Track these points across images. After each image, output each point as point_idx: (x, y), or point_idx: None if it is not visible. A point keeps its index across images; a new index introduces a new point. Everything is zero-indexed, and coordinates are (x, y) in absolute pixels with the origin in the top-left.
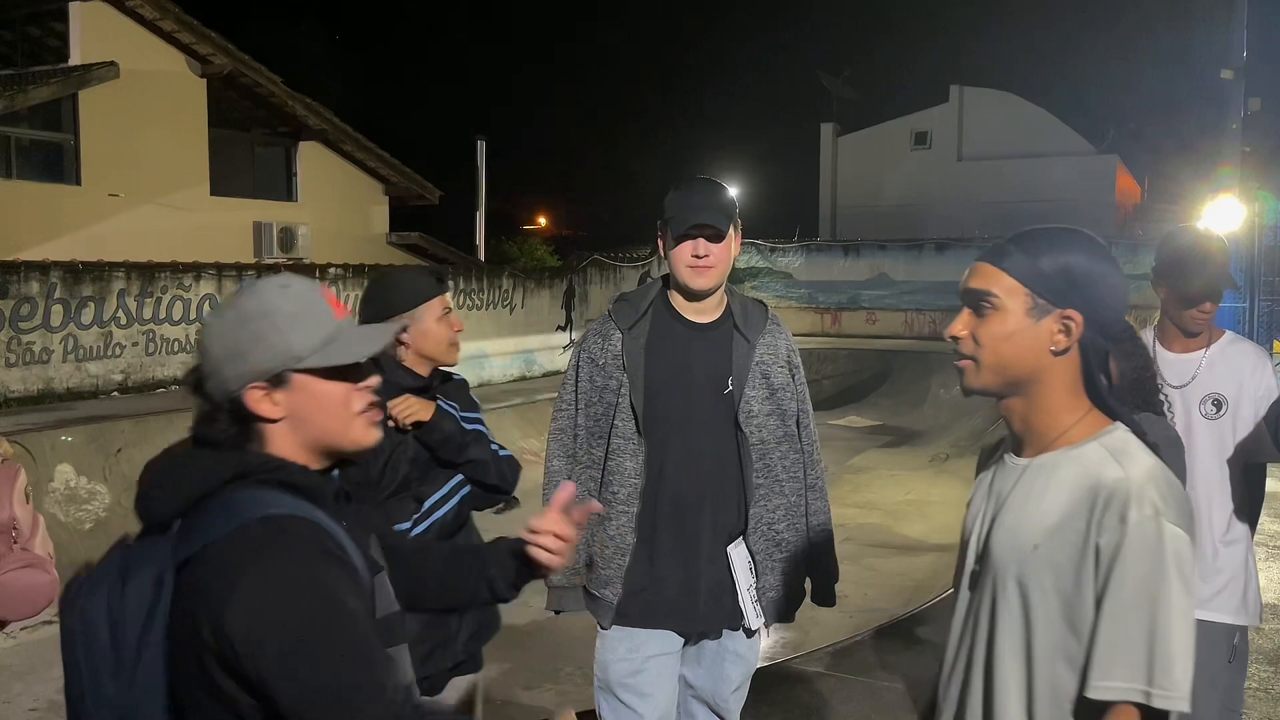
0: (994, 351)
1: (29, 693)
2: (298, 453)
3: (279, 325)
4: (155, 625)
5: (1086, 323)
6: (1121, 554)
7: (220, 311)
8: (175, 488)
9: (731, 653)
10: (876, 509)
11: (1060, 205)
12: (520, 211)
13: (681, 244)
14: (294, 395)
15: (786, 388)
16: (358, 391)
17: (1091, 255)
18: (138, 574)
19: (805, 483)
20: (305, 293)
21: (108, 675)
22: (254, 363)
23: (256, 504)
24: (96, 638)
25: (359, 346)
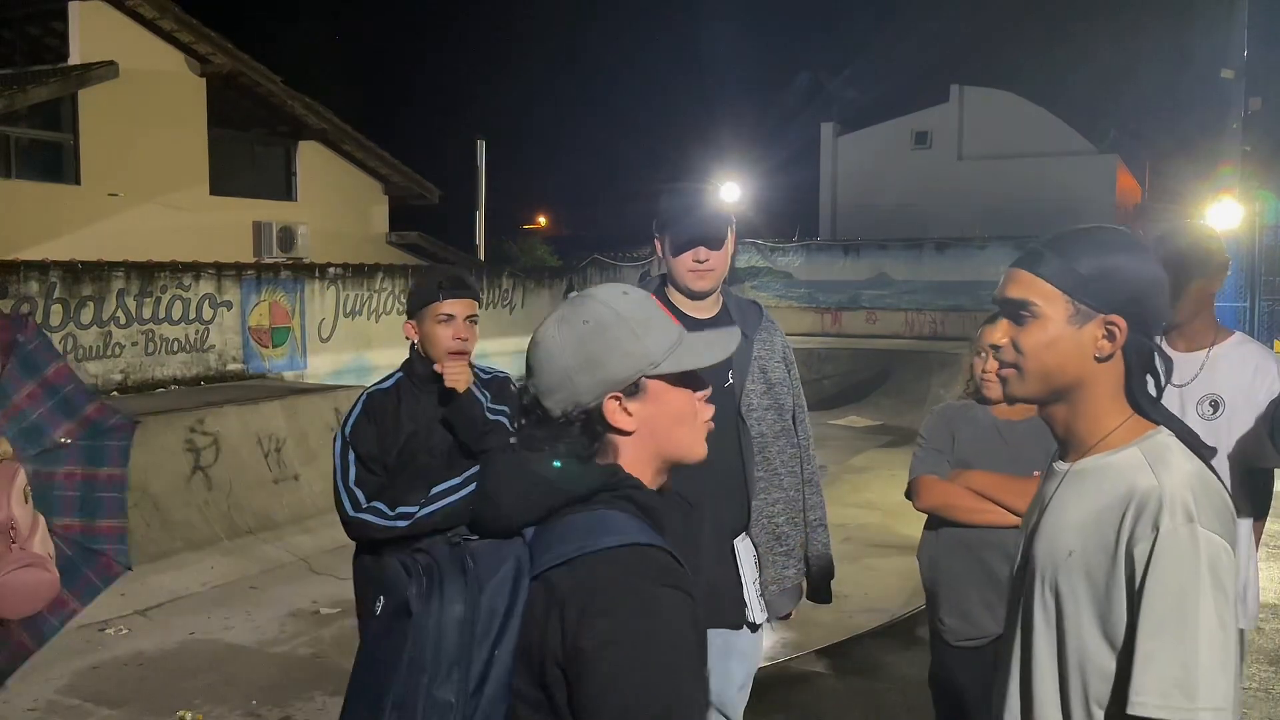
0: (1037, 360)
1: (28, 692)
2: (644, 467)
3: (635, 330)
4: (509, 632)
5: (1131, 326)
6: (1154, 563)
7: (564, 320)
8: (536, 495)
9: (736, 650)
10: (876, 509)
11: (1060, 205)
12: (520, 211)
13: (683, 250)
14: (648, 404)
15: (783, 383)
16: (700, 401)
17: (1130, 255)
18: (494, 578)
19: (802, 477)
20: (646, 299)
21: (449, 682)
22: (612, 370)
23: (619, 527)
24: (446, 642)
25: (707, 351)
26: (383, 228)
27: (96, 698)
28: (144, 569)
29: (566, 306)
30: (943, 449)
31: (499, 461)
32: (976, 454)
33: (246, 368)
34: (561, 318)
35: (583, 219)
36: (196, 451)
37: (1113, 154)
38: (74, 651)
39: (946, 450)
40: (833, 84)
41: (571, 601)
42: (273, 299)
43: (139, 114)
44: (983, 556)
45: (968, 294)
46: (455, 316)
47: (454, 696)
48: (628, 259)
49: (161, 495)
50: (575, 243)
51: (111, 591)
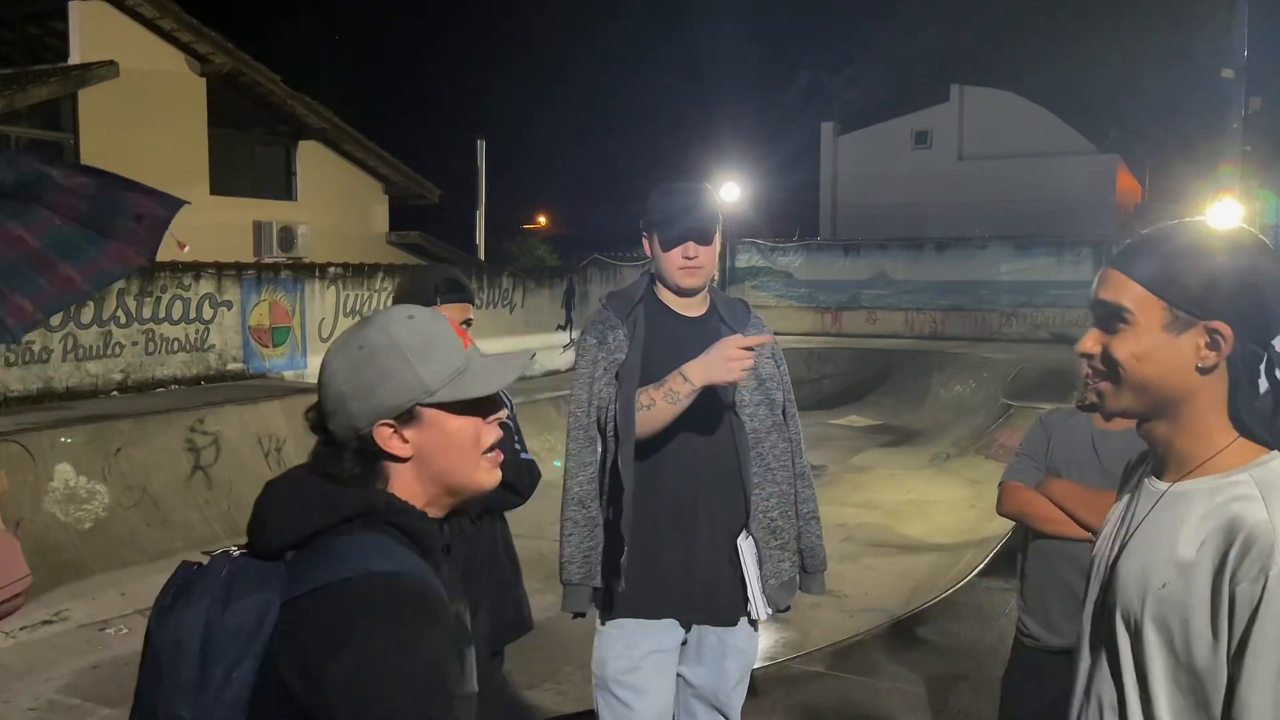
0: (1134, 371)
1: (28, 692)
2: (420, 494)
3: (408, 358)
4: (249, 657)
5: (1237, 334)
6: (1262, 612)
7: (342, 347)
8: (295, 520)
9: (732, 648)
10: (876, 509)
11: (1061, 205)
12: (520, 211)
13: (672, 247)
14: (424, 432)
15: (773, 378)
16: (487, 426)
17: (1234, 252)
18: (242, 599)
19: (794, 470)
20: (431, 324)
21: (187, 695)
22: (384, 398)
23: (374, 553)
24: (186, 655)
25: (491, 378)
26: (383, 227)
27: (97, 697)
28: (144, 569)
29: (350, 329)
30: (1035, 456)
31: (277, 481)
32: (1068, 463)
33: (246, 367)
34: (342, 341)
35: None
36: (197, 451)
37: (1113, 154)
38: (74, 651)
39: (1040, 458)
40: (833, 84)
41: (314, 633)
42: (273, 299)
43: (139, 114)
44: (1056, 566)
45: (968, 294)
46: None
47: (187, 711)
48: (628, 259)
49: (162, 495)
50: (575, 243)
51: (112, 591)
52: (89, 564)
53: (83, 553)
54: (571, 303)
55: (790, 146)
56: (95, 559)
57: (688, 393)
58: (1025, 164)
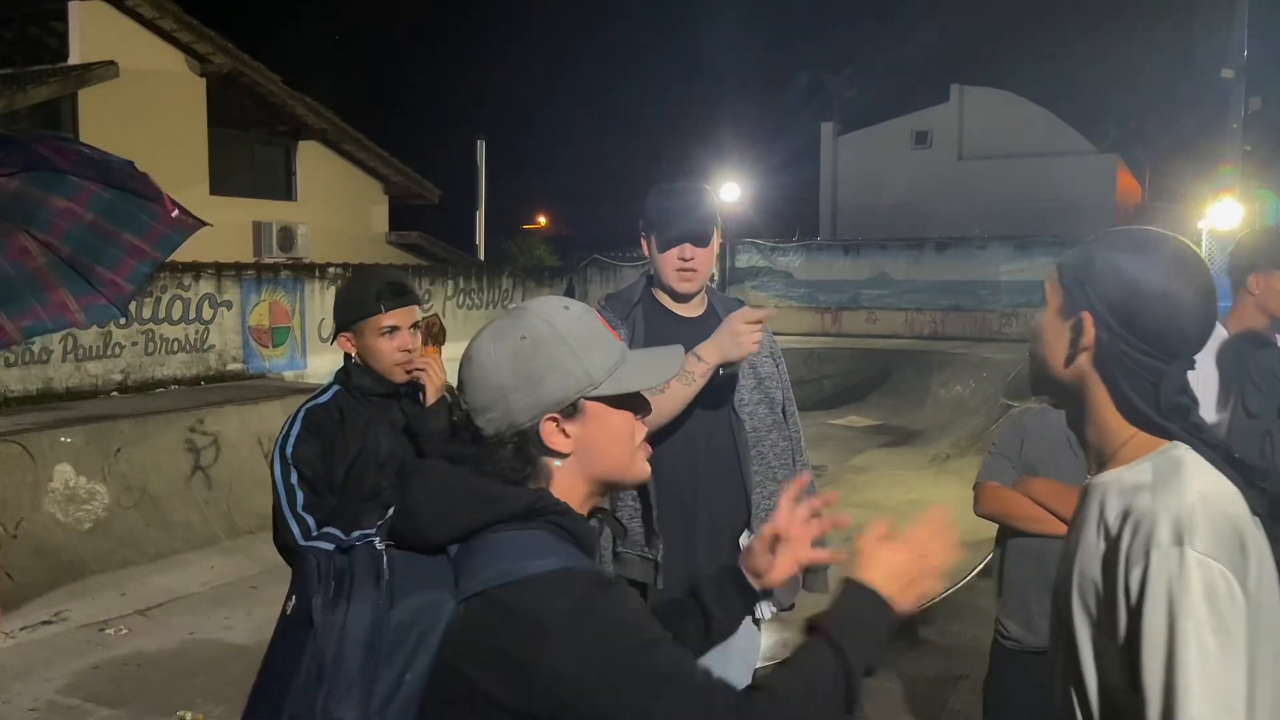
0: (1035, 345)
1: (29, 692)
2: (577, 490)
3: (575, 349)
4: (420, 660)
5: (1099, 326)
6: (1145, 591)
7: (498, 337)
8: (460, 512)
9: (735, 647)
10: (877, 509)
11: (1061, 205)
12: (520, 211)
13: (669, 248)
14: (587, 426)
15: (772, 377)
16: (639, 423)
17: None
18: (405, 598)
19: (795, 469)
20: (587, 315)
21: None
22: (550, 390)
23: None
24: (349, 663)
25: (650, 372)
26: (383, 228)
27: (97, 698)
28: (144, 569)
29: (503, 320)
30: (1010, 455)
31: (421, 476)
32: (1043, 461)
33: (246, 367)
34: (497, 332)
35: (583, 219)
36: (196, 451)
37: (1113, 154)
38: (74, 651)
39: (1014, 457)
40: (833, 84)
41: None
42: (273, 299)
43: (139, 114)
44: (1043, 565)
45: (968, 294)
46: (399, 328)
47: (351, 715)
48: (628, 259)
49: (162, 495)
50: (575, 243)
51: (111, 591)
52: (89, 564)
53: (82, 553)
54: None
55: (790, 146)
56: (95, 559)
57: (702, 372)
58: (1025, 164)
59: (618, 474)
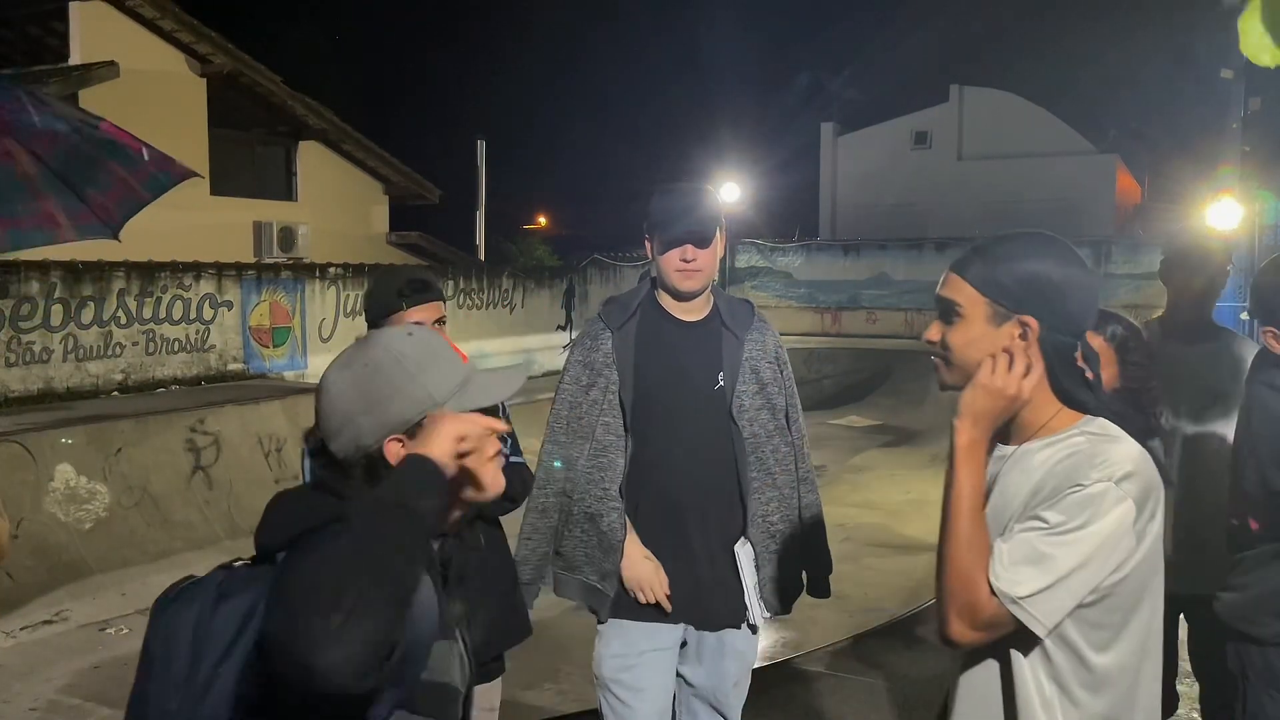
0: (961, 355)
1: (29, 692)
2: None
3: (413, 372)
4: (235, 654)
5: (1044, 326)
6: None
7: (345, 365)
8: (282, 520)
9: (731, 649)
10: (876, 509)
11: (1060, 205)
12: (520, 211)
13: (669, 250)
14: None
15: (775, 382)
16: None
17: (1049, 259)
18: (232, 599)
19: (797, 475)
20: (430, 338)
21: (176, 694)
22: (394, 413)
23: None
24: (176, 654)
25: (493, 390)
26: (383, 228)
27: (97, 697)
28: (145, 569)
29: (350, 349)
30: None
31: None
32: None
33: (247, 368)
34: (344, 362)
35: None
36: (197, 451)
37: (1113, 154)
38: (75, 651)
39: None
40: (833, 84)
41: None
42: (273, 299)
43: (139, 114)
44: None
45: None
46: (422, 323)
47: (174, 704)
48: (627, 259)
49: (162, 495)
50: (575, 243)
51: (112, 591)
52: (89, 564)
53: (83, 553)
54: (571, 303)
55: (790, 147)
56: (96, 559)
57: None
58: (1025, 164)
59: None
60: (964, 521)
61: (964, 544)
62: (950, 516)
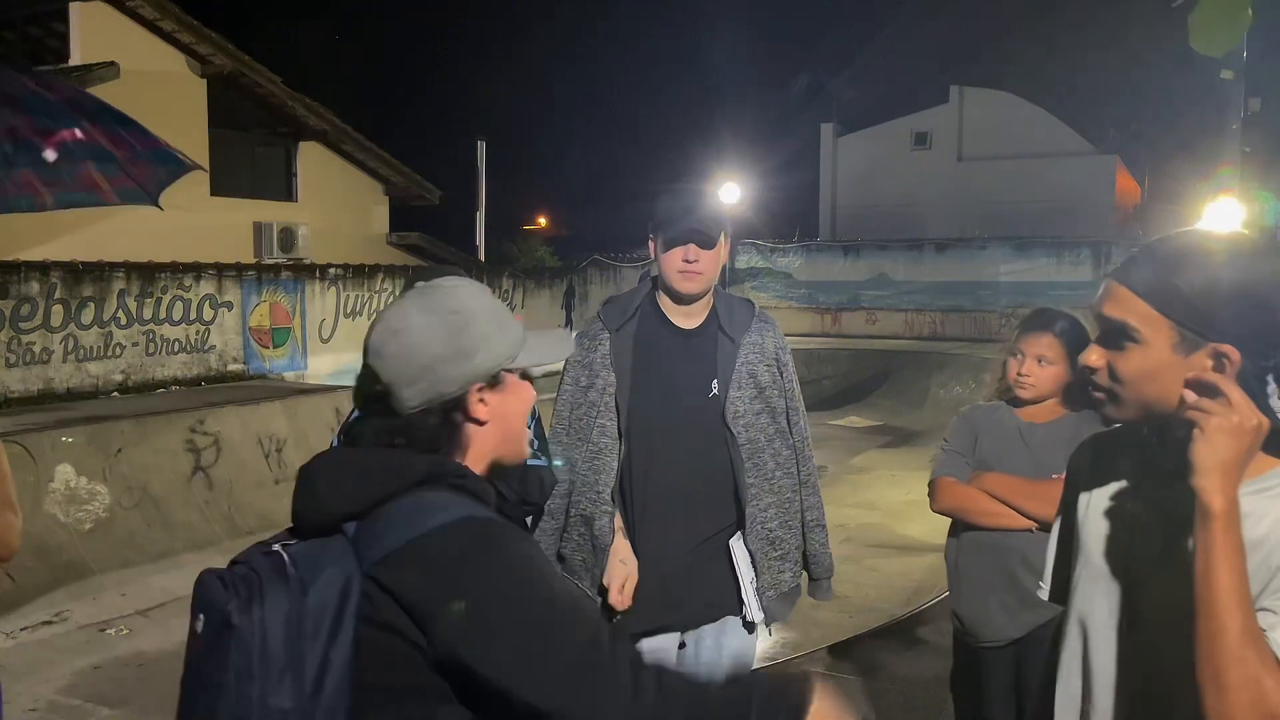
0: (1136, 390)
1: (29, 693)
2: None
3: (499, 325)
4: (343, 634)
5: (1245, 354)
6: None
7: (427, 311)
8: (360, 485)
9: (729, 651)
10: (876, 509)
11: (1060, 206)
12: (520, 211)
13: (672, 250)
14: (504, 397)
15: (774, 385)
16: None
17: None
18: (319, 579)
19: (798, 479)
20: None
21: (286, 692)
22: (479, 362)
23: (442, 505)
24: (272, 652)
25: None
26: (383, 228)
27: (97, 698)
28: (145, 569)
29: (426, 297)
30: (964, 451)
31: (322, 459)
32: (998, 456)
33: (247, 368)
34: (425, 308)
35: (583, 219)
36: (197, 452)
37: (1113, 154)
38: (74, 651)
39: (968, 453)
40: (833, 84)
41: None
42: (273, 299)
43: (139, 114)
44: (1002, 560)
45: (968, 294)
46: None
47: (290, 702)
48: (627, 259)
49: (162, 495)
50: (575, 243)
51: (112, 591)
52: (89, 564)
53: (83, 553)
54: (571, 303)
55: (790, 147)
56: (96, 559)
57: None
58: (1024, 165)
59: (517, 446)
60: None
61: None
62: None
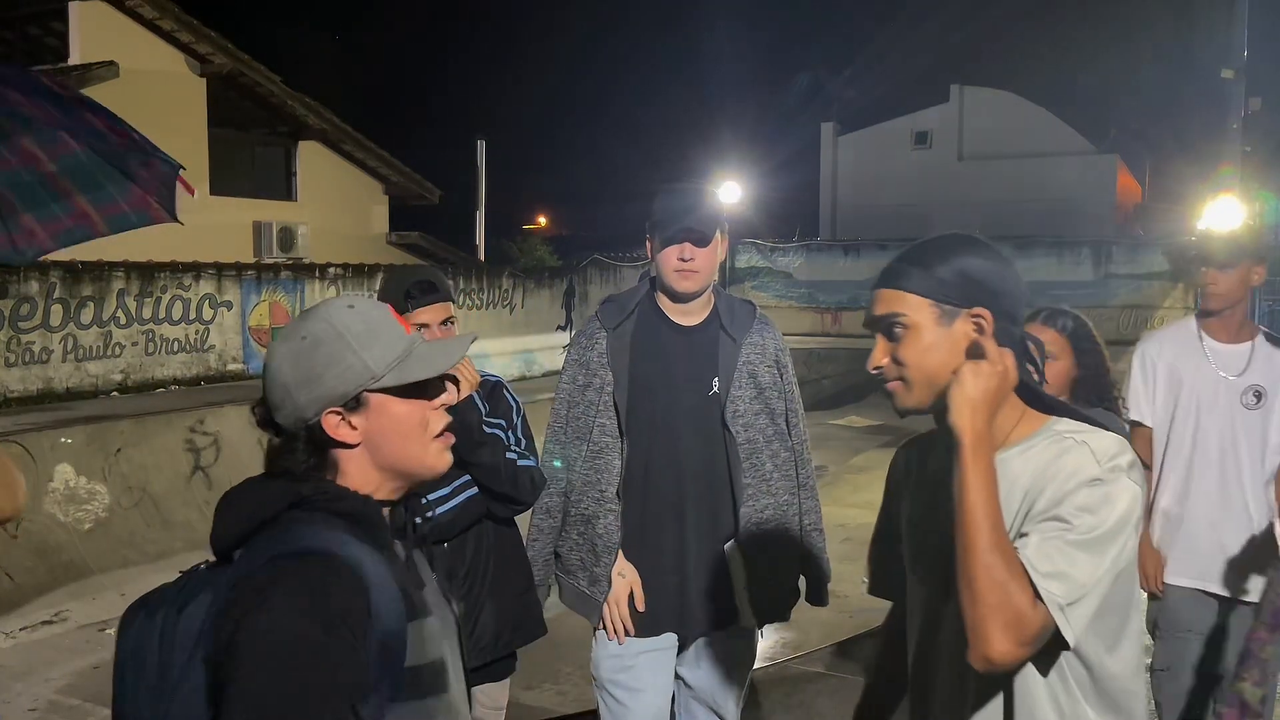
0: (918, 367)
1: (28, 693)
2: (371, 480)
3: (352, 345)
4: (199, 655)
5: (996, 316)
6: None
7: (285, 337)
8: (235, 517)
9: (729, 653)
10: (877, 509)
11: (1060, 205)
12: (520, 211)
13: (668, 248)
14: (371, 418)
15: (774, 386)
16: (433, 411)
17: (981, 253)
18: (194, 600)
19: (797, 481)
20: (372, 310)
21: (149, 702)
22: (330, 386)
23: (306, 537)
24: (146, 662)
25: (433, 361)
26: (383, 228)
27: (97, 698)
28: (144, 569)
29: (291, 322)
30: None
31: (235, 487)
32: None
33: (247, 368)
34: (284, 334)
35: (583, 219)
36: (197, 451)
37: (1113, 154)
38: (74, 651)
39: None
40: (833, 84)
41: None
42: (273, 299)
43: (139, 114)
44: None
45: None
46: (430, 325)
47: (147, 712)
48: (627, 259)
49: (162, 495)
50: (575, 243)
51: (112, 591)
52: (89, 564)
53: (83, 553)
54: (571, 303)
55: (790, 147)
56: (95, 559)
57: None
58: (1025, 164)
59: (410, 464)
60: (988, 528)
61: (994, 553)
62: (971, 526)
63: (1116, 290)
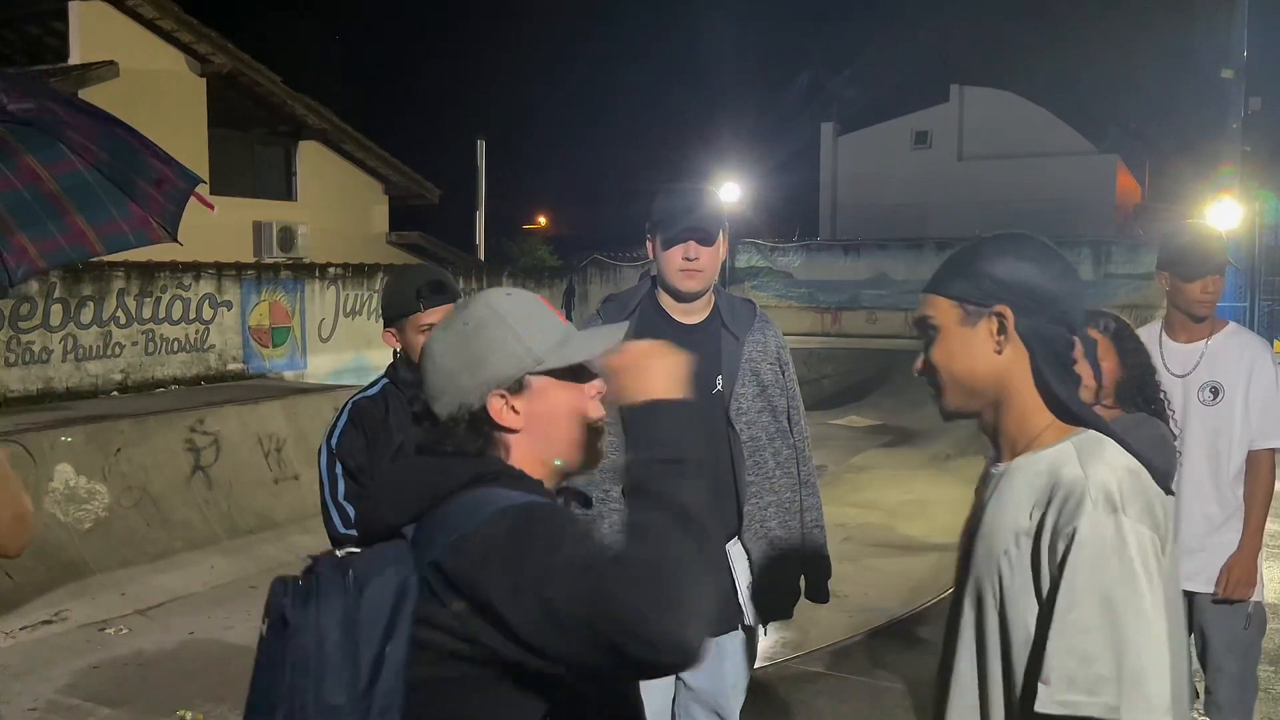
0: (946, 369)
1: (28, 693)
2: (533, 466)
3: (514, 328)
4: (399, 632)
5: (1018, 312)
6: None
7: (446, 327)
8: (412, 492)
9: (730, 653)
10: (877, 509)
11: (1060, 205)
12: (520, 211)
13: (672, 248)
14: (534, 401)
15: (776, 384)
16: (591, 400)
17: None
18: (375, 580)
19: (798, 479)
20: (529, 298)
21: (339, 688)
22: (494, 368)
23: (494, 499)
24: (328, 653)
25: (594, 343)
26: (383, 227)
27: (97, 697)
28: (144, 569)
29: (452, 312)
30: None
31: (389, 467)
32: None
33: (246, 367)
34: (446, 323)
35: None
36: (197, 451)
37: (1113, 154)
38: (74, 651)
39: None
40: (833, 84)
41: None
42: (273, 299)
43: (139, 114)
44: None
45: None
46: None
47: (343, 698)
48: (628, 259)
49: (162, 495)
50: (575, 243)
51: (111, 591)
52: (89, 564)
53: (83, 553)
54: (571, 303)
55: (790, 147)
56: (95, 559)
57: None
58: (1025, 164)
59: (572, 449)
60: None
61: None
62: None
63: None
